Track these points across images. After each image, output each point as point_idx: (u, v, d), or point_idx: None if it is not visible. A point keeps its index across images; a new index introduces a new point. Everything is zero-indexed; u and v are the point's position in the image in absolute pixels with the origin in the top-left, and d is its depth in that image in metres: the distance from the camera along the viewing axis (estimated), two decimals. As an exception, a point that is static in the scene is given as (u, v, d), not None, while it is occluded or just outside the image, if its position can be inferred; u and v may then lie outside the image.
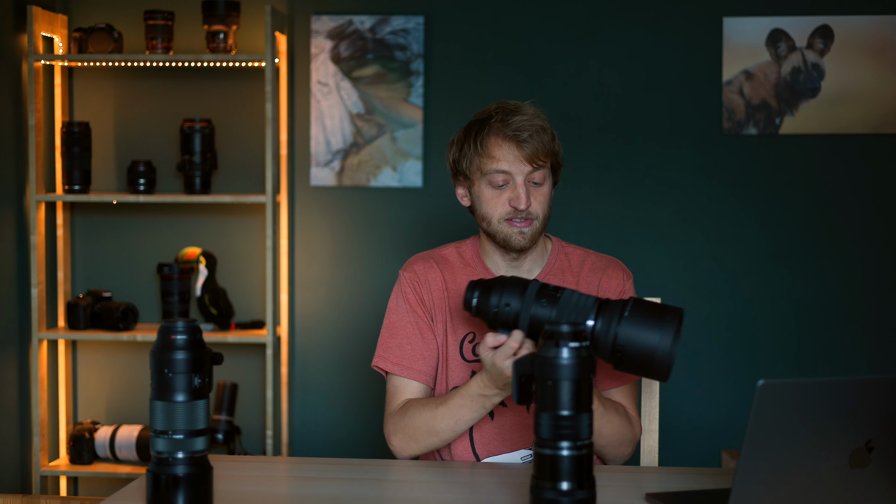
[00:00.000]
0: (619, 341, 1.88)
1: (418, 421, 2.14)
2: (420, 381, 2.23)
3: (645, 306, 1.90)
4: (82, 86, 3.75)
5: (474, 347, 2.22)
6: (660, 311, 1.89)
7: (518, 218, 2.17)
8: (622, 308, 1.90)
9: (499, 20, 3.65)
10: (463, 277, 2.25)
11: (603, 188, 3.67)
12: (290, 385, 3.74)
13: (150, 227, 3.78)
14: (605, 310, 1.91)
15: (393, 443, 2.18)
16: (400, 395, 2.22)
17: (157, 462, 1.76)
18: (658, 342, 1.86)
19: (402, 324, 2.25)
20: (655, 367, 1.88)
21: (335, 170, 3.69)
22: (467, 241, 2.33)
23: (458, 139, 2.24)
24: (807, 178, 3.62)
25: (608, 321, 1.89)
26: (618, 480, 2.01)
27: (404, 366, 2.22)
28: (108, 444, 3.59)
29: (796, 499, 1.61)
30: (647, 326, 1.88)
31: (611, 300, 1.94)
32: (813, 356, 3.64)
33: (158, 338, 1.75)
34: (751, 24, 3.57)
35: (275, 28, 3.50)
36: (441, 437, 2.14)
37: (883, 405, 1.61)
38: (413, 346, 2.22)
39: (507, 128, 2.15)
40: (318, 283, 3.74)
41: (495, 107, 2.20)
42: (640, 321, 1.88)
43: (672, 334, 1.87)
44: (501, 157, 2.15)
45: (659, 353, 1.86)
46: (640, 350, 1.87)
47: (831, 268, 3.63)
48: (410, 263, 2.30)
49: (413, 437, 2.15)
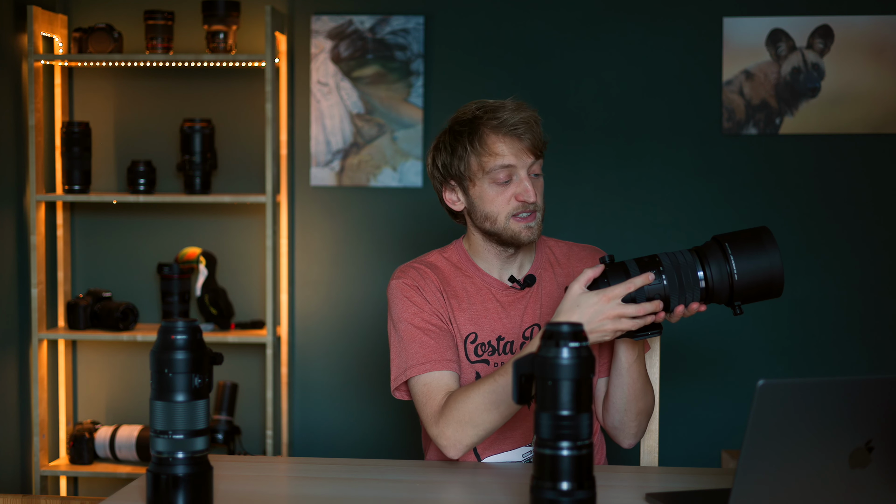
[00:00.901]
0: (737, 279, 1.92)
1: (476, 401, 2.01)
2: (455, 370, 2.13)
3: (736, 238, 1.95)
4: (82, 86, 3.75)
5: (476, 348, 2.21)
6: (752, 235, 1.94)
7: (525, 212, 2.16)
8: (721, 248, 1.94)
9: (499, 20, 3.65)
10: (456, 281, 2.23)
11: (603, 188, 3.67)
12: (290, 385, 3.74)
13: (150, 227, 3.78)
14: (707, 258, 1.95)
15: (447, 435, 2.04)
16: (437, 392, 2.10)
17: (157, 462, 1.76)
18: (769, 263, 1.92)
19: (416, 322, 2.17)
20: (774, 286, 1.93)
21: (335, 170, 3.69)
22: (450, 247, 2.30)
23: (445, 143, 2.21)
24: (807, 178, 3.62)
25: (718, 266, 1.94)
26: (618, 480, 2.01)
27: (434, 360, 2.12)
28: (108, 444, 3.59)
29: (796, 499, 1.61)
30: (754, 254, 1.93)
31: (699, 247, 1.97)
32: (812, 356, 3.64)
33: (158, 338, 1.75)
34: (751, 24, 3.57)
35: (275, 28, 3.50)
36: (501, 412, 2.01)
37: (883, 405, 1.61)
38: (436, 338, 2.15)
39: (503, 123, 2.15)
40: (318, 283, 3.74)
41: (476, 106, 2.19)
42: (745, 252, 1.93)
43: (777, 250, 1.92)
44: (504, 152, 2.15)
45: (775, 272, 1.92)
46: (757, 278, 1.93)
47: (831, 268, 3.63)
48: (402, 272, 2.24)
49: (471, 422, 2.02)
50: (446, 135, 2.23)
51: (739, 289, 1.93)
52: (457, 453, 2.06)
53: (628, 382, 2.14)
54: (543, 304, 2.24)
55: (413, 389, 2.14)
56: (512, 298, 2.24)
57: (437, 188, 2.27)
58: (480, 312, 2.22)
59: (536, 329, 2.23)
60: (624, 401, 2.17)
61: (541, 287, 2.26)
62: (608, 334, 1.96)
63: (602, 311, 1.94)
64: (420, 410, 2.12)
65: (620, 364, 2.13)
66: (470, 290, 2.23)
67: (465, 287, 2.23)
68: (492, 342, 2.21)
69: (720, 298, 1.96)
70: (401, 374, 2.15)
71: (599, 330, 1.95)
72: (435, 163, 2.24)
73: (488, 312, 2.22)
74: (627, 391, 2.15)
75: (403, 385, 2.18)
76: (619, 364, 2.14)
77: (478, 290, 2.23)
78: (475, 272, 2.25)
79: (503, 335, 2.22)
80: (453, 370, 2.13)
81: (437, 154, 2.23)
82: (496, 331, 2.21)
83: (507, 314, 2.23)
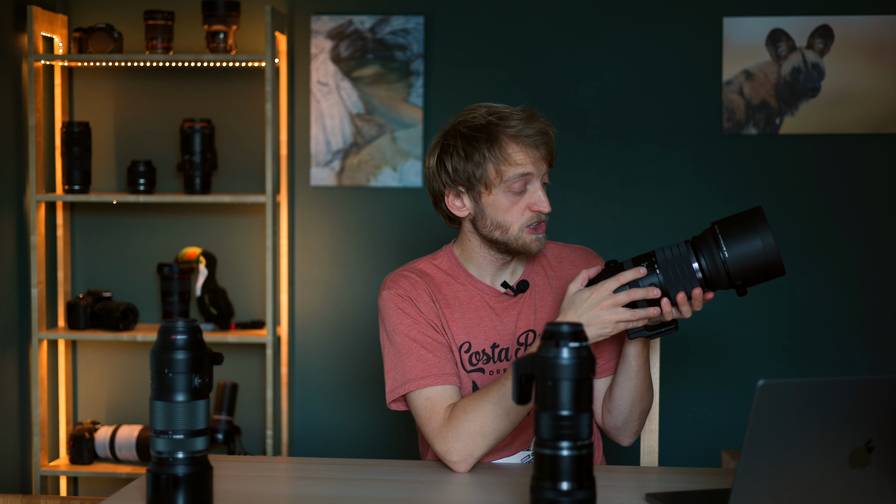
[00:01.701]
0: (730, 266, 1.93)
1: (486, 410, 2.00)
2: (455, 384, 2.11)
3: (728, 223, 1.95)
4: (82, 86, 3.75)
5: (471, 357, 2.20)
6: (745, 219, 1.95)
7: (537, 222, 2.14)
8: (713, 236, 1.95)
9: (499, 20, 3.65)
10: (447, 290, 2.21)
11: (603, 188, 3.67)
12: (290, 385, 3.74)
13: (150, 227, 3.78)
14: (700, 248, 1.96)
15: (458, 449, 2.01)
16: (440, 405, 2.07)
17: (157, 462, 1.76)
18: (762, 243, 1.92)
19: (412, 334, 2.14)
20: (772, 266, 1.93)
21: (335, 170, 3.69)
22: (440, 253, 2.26)
23: (457, 147, 2.14)
24: (806, 178, 3.63)
25: (711, 255, 1.94)
26: (618, 480, 2.01)
27: (434, 374, 2.09)
28: (108, 444, 3.59)
29: (796, 499, 1.61)
30: (745, 238, 1.93)
31: (695, 237, 1.98)
32: (812, 356, 3.64)
33: (158, 338, 1.75)
34: (751, 24, 3.57)
35: (275, 28, 3.50)
36: (511, 419, 2.00)
37: (883, 405, 1.61)
38: (434, 351, 2.12)
39: (522, 133, 2.11)
40: (317, 283, 3.74)
41: (487, 111, 2.14)
42: (737, 237, 1.93)
43: (769, 231, 1.92)
44: (524, 161, 2.11)
45: (769, 251, 1.92)
46: (753, 263, 1.93)
47: (831, 268, 3.63)
48: (392, 281, 2.20)
49: (481, 432, 2.00)
50: (457, 139, 2.15)
51: (736, 272, 1.94)
52: (466, 467, 2.03)
53: (636, 384, 2.14)
54: (537, 308, 2.23)
55: (414, 404, 2.11)
56: (505, 305, 2.22)
57: (436, 191, 2.20)
58: (474, 320, 2.20)
59: (532, 335, 2.21)
60: (630, 402, 2.16)
61: (534, 292, 2.24)
62: (608, 325, 1.96)
63: (594, 303, 1.96)
64: (423, 426, 2.09)
65: (630, 366, 2.13)
66: (462, 298, 2.20)
67: (457, 295, 2.21)
68: (486, 350, 2.19)
69: (721, 284, 1.96)
70: (398, 387, 2.13)
71: (597, 322, 1.96)
72: (444, 166, 2.16)
73: (482, 320, 2.20)
74: (634, 393, 2.15)
75: (400, 397, 2.15)
76: (628, 366, 2.13)
77: (470, 298, 2.21)
78: (467, 279, 2.22)
79: (497, 342, 2.20)
80: (454, 384, 2.11)
81: (445, 157, 2.16)
82: (490, 338, 2.20)
83: (501, 321, 2.21)
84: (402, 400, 2.16)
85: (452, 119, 2.20)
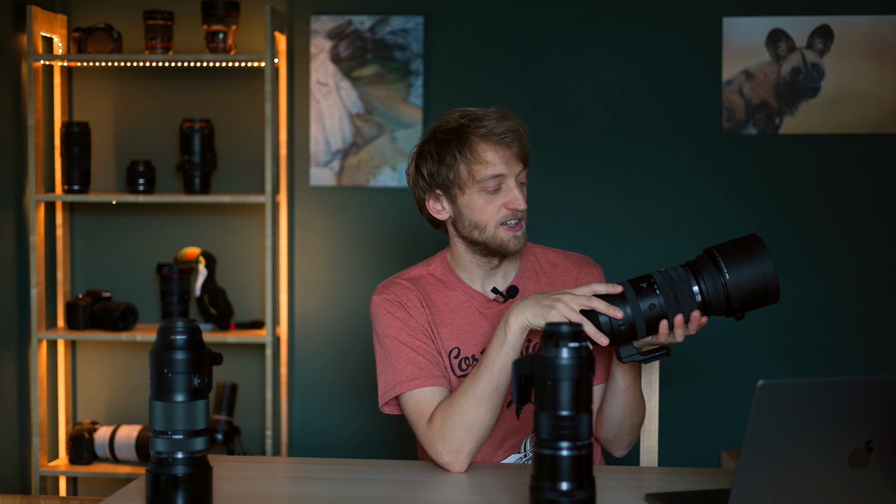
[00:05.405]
0: (731, 291, 1.93)
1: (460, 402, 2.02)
2: (444, 385, 2.12)
3: (728, 248, 1.96)
4: (82, 86, 3.75)
5: (461, 362, 2.21)
6: (744, 244, 1.95)
7: (514, 220, 2.16)
8: (713, 261, 1.95)
9: (498, 20, 3.65)
10: (438, 296, 2.22)
11: (603, 188, 3.67)
12: (290, 385, 3.74)
13: (150, 227, 3.78)
14: (700, 272, 1.96)
15: (445, 448, 2.03)
16: (429, 408, 2.09)
17: (156, 462, 1.76)
18: (763, 270, 1.93)
19: (402, 338, 2.16)
20: (770, 292, 1.94)
21: (335, 170, 3.69)
22: (435, 259, 2.29)
23: (430, 151, 2.18)
24: (806, 178, 3.62)
25: (712, 280, 1.94)
26: (618, 480, 2.01)
27: (423, 376, 2.11)
28: (108, 445, 3.59)
29: (796, 499, 1.61)
30: (746, 262, 1.93)
31: (691, 262, 1.98)
32: (812, 356, 3.64)
33: (158, 338, 1.75)
34: (750, 24, 3.57)
35: (274, 28, 3.50)
36: (486, 406, 2.00)
37: (882, 405, 1.61)
38: (424, 354, 2.14)
39: (492, 132, 2.13)
40: (317, 283, 3.74)
41: (460, 115, 2.17)
42: (737, 261, 1.94)
43: (768, 257, 1.93)
44: (495, 160, 2.13)
45: (769, 279, 1.93)
46: (752, 286, 1.93)
47: (831, 268, 3.63)
48: (384, 288, 2.22)
49: (461, 425, 2.01)
50: (430, 143, 2.19)
51: (735, 298, 1.94)
52: (460, 465, 2.03)
53: (624, 403, 2.17)
54: None
55: (405, 406, 2.13)
56: (495, 310, 2.23)
57: (418, 197, 2.24)
58: (464, 326, 2.21)
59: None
60: (619, 418, 2.19)
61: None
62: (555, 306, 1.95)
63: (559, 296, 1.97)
64: (414, 428, 2.11)
65: (618, 386, 2.15)
66: (452, 304, 2.22)
67: (447, 301, 2.22)
68: (476, 356, 2.20)
69: (718, 310, 1.97)
70: (389, 390, 2.14)
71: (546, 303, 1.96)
72: (419, 171, 2.20)
73: (472, 326, 2.21)
74: (623, 410, 2.18)
75: (393, 400, 2.17)
76: (616, 387, 2.15)
77: (460, 304, 2.22)
78: (458, 285, 2.24)
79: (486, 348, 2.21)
80: (443, 385, 2.12)
81: (421, 162, 2.20)
82: (479, 344, 2.20)
83: (491, 326, 2.21)
84: (394, 404, 2.17)
85: (431, 125, 2.24)
